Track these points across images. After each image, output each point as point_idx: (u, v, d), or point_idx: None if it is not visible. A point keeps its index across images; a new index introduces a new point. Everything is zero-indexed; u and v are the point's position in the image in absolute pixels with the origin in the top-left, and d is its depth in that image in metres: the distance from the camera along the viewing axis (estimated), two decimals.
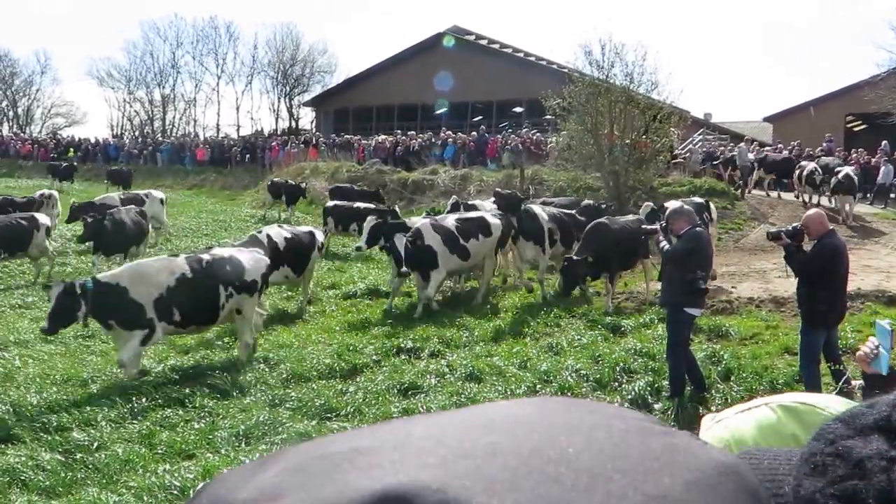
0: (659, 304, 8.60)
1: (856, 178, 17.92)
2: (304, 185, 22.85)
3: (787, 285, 9.40)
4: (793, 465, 0.53)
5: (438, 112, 35.48)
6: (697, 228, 7.09)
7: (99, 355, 8.82)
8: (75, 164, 29.10)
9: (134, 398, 7.01)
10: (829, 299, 6.61)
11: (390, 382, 7.48)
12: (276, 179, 23.45)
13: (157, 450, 5.98)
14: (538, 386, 7.35)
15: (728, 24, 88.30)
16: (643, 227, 10.40)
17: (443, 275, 11.08)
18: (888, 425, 0.49)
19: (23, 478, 5.38)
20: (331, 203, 16.98)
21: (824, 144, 23.82)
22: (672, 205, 12.23)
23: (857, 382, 6.72)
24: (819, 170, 18.98)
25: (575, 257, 10.13)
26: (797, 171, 19.80)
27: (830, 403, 1.02)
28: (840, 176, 17.77)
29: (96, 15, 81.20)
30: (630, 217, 12.01)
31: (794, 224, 6.95)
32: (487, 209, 13.68)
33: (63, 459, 5.70)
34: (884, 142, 22.57)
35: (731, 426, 1.03)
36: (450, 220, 11.39)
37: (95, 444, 5.99)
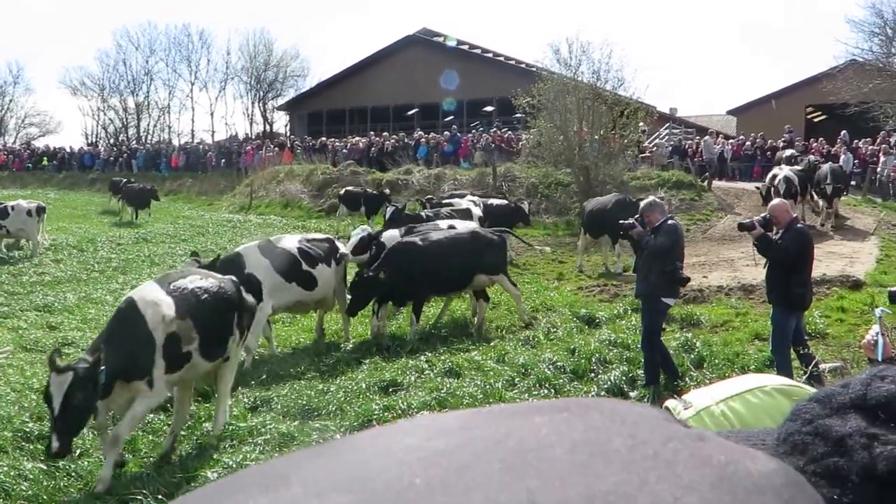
0: (634, 295, 8.70)
1: (796, 178, 15.57)
2: (387, 191, 19.67)
3: (756, 273, 9.65)
4: (768, 446, 0.53)
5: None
6: (670, 221, 7.31)
7: None
8: (133, 180, 28.23)
9: None
10: (806, 282, 6.99)
11: (371, 380, 7.55)
12: (350, 188, 20.54)
13: (141, 455, 6.00)
14: (516, 379, 7.48)
15: (693, 19, 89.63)
16: (620, 221, 10.31)
17: (268, 310, 8.58)
18: (864, 403, 0.50)
19: (5, 487, 5.36)
20: None
21: (785, 136, 24.37)
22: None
23: (825, 365, 6.98)
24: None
25: (368, 273, 8.91)
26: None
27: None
28: (776, 181, 15.63)
29: (69, 24, 79.87)
30: (463, 230, 10.19)
31: (763, 214, 7.18)
32: (464, 206, 13.75)
33: (45, 468, 5.67)
34: (843, 131, 23.18)
35: (716, 413, 1.03)
36: (289, 242, 9.32)
37: (78, 452, 5.97)
